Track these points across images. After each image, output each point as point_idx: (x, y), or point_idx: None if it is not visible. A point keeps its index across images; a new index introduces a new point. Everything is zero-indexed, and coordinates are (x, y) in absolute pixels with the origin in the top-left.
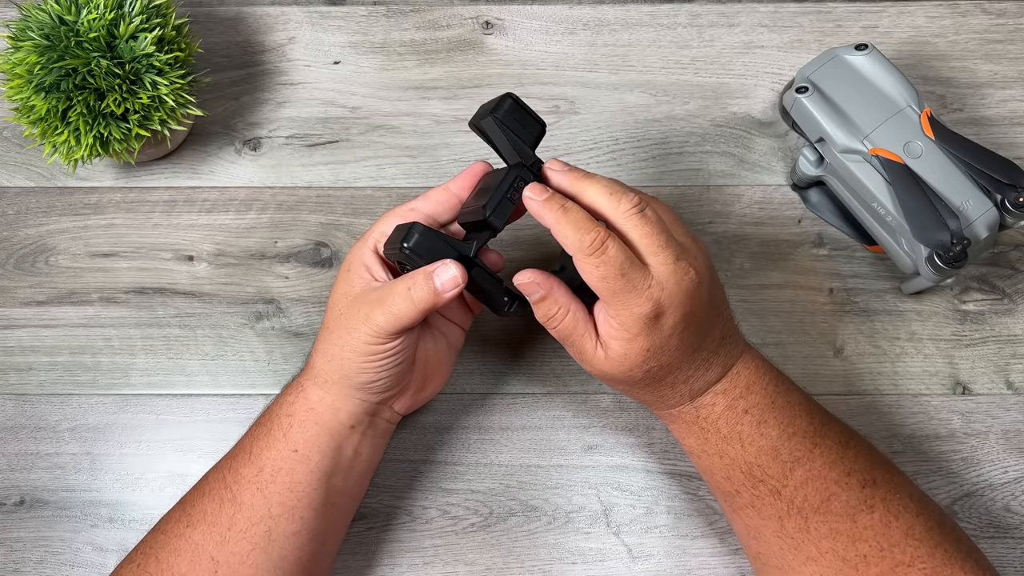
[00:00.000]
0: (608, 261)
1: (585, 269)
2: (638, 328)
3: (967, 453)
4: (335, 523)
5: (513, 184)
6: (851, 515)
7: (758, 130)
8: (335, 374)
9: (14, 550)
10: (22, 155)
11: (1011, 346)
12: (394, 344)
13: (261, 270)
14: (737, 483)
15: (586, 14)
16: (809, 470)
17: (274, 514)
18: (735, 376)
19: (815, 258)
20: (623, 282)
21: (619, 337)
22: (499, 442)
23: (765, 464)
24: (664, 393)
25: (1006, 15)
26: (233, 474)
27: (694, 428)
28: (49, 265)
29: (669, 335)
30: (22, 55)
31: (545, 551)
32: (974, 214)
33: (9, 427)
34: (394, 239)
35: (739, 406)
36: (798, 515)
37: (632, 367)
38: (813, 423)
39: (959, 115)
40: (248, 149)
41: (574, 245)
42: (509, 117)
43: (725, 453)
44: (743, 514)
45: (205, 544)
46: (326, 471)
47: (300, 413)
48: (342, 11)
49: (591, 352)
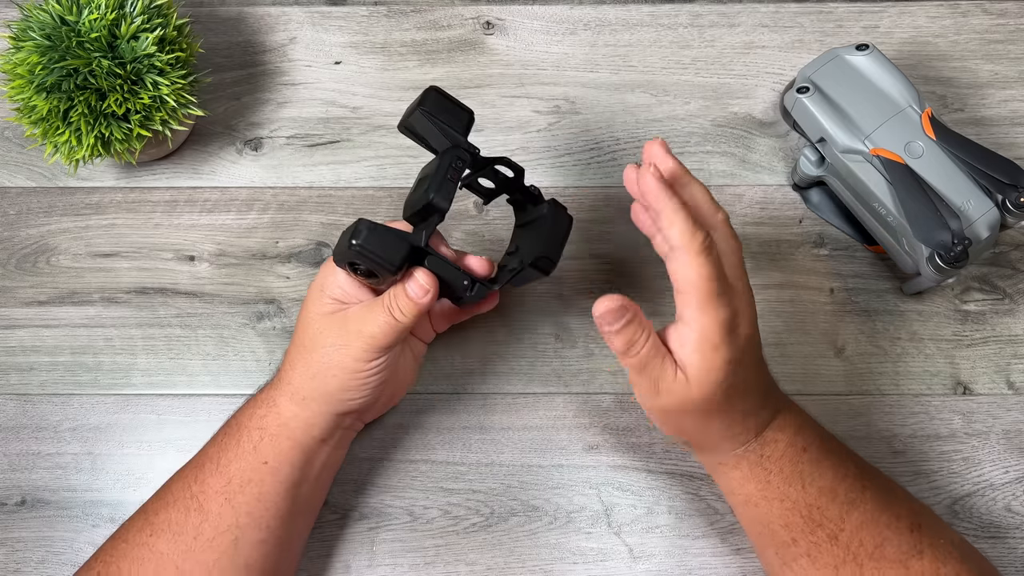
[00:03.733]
0: (712, 261)
1: (690, 265)
2: (719, 337)
3: (968, 453)
4: (300, 530)
5: (451, 165)
6: (903, 561)
7: (759, 130)
8: (316, 392)
9: (15, 550)
10: (23, 155)
11: (1012, 346)
12: (380, 360)
13: (262, 270)
14: (795, 530)
15: (587, 14)
16: (863, 513)
17: (241, 523)
18: (788, 415)
19: (816, 258)
20: (719, 285)
21: (701, 350)
22: (500, 442)
23: (824, 506)
24: (735, 426)
25: (1007, 15)
26: (200, 484)
27: (757, 470)
28: (50, 265)
29: (744, 347)
30: (23, 55)
31: (546, 551)
32: (975, 214)
33: (10, 427)
34: (342, 241)
35: (799, 443)
36: (853, 562)
37: (715, 385)
38: (859, 466)
39: (960, 115)
40: (249, 149)
41: (685, 238)
42: (436, 107)
43: (787, 496)
44: (796, 566)
45: (170, 553)
46: (295, 482)
47: (272, 428)
48: (343, 11)
49: (671, 378)
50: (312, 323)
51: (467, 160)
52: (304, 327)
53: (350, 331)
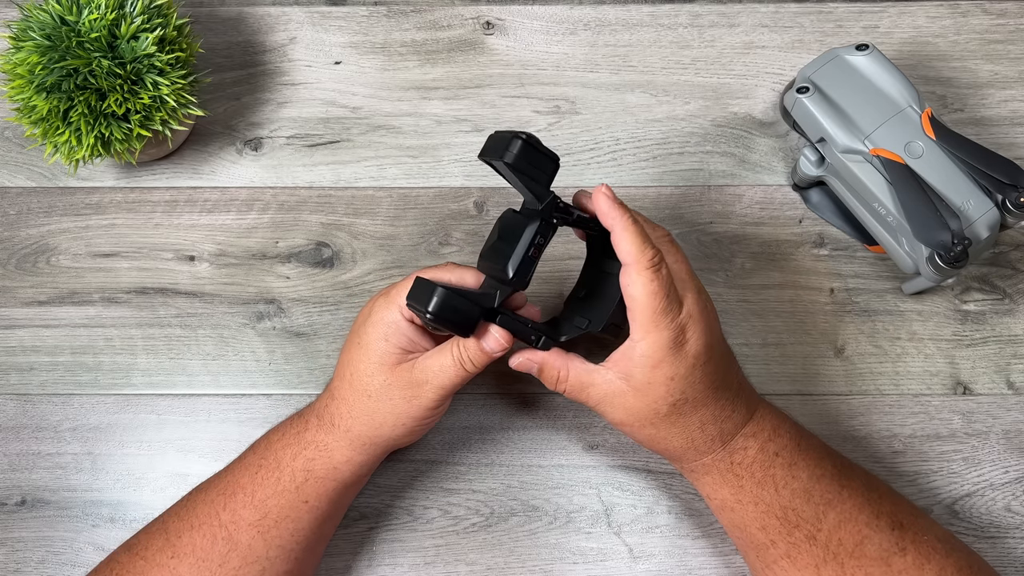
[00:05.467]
0: (661, 278)
1: (637, 281)
2: (661, 355)
3: (968, 453)
4: (320, 553)
5: (534, 241)
6: (885, 559)
7: (759, 130)
8: (379, 439)
9: (15, 550)
10: (23, 155)
11: (1012, 346)
12: (444, 406)
13: (262, 270)
14: (772, 532)
15: (587, 14)
16: (840, 512)
17: (271, 556)
18: (760, 420)
19: (816, 258)
20: (665, 303)
21: (643, 366)
22: (500, 442)
23: (799, 507)
24: (695, 436)
25: (1007, 15)
26: (230, 514)
27: (728, 476)
28: (50, 265)
29: (692, 365)
30: (23, 55)
31: (546, 551)
32: (975, 214)
33: (10, 427)
34: (417, 299)
35: (770, 448)
36: (834, 561)
37: (657, 398)
38: (836, 466)
39: (960, 115)
40: (249, 149)
41: (634, 255)
42: (521, 161)
43: (760, 499)
44: (777, 568)
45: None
46: (329, 515)
47: (320, 471)
48: (343, 11)
49: (613, 388)
50: (377, 374)
51: (552, 233)
52: (367, 376)
53: (418, 381)
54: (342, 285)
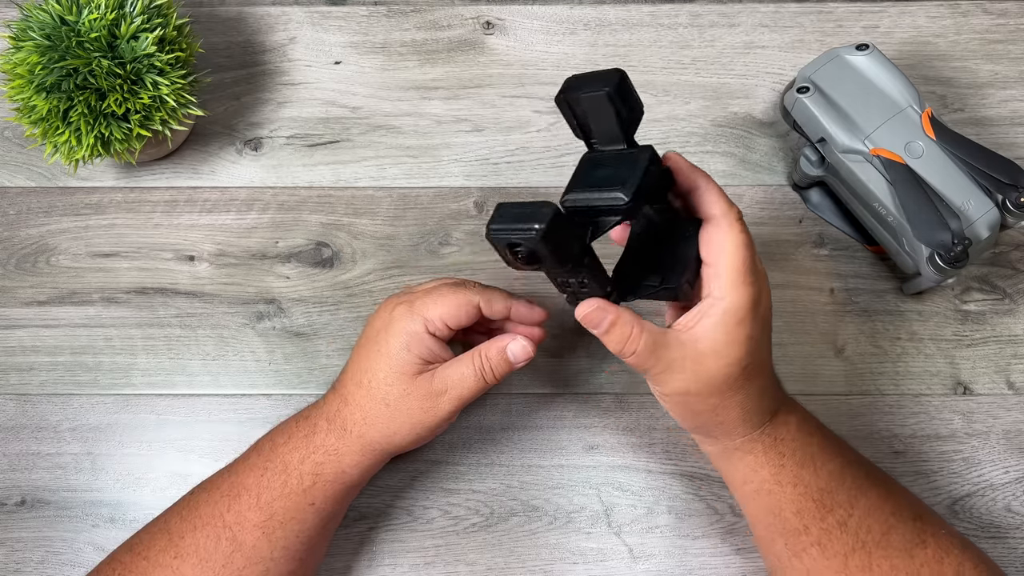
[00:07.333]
0: (748, 232)
1: (729, 234)
2: (744, 312)
3: (968, 453)
4: (323, 552)
5: (649, 166)
6: (908, 550)
7: (759, 130)
8: (391, 444)
9: (15, 550)
10: (23, 155)
11: (1012, 346)
12: (458, 412)
13: (262, 270)
14: (807, 516)
15: (587, 14)
16: (869, 499)
17: (275, 557)
18: (792, 403)
19: (816, 258)
20: (753, 257)
21: (725, 324)
22: (500, 442)
23: (835, 490)
24: (750, 407)
25: (1007, 15)
26: (235, 515)
27: (772, 454)
28: (50, 265)
29: (763, 328)
30: (23, 55)
31: (546, 551)
32: (975, 214)
33: (10, 427)
34: (515, 217)
35: (805, 428)
36: (862, 550)
37: (733, 360)
38: (858, 456)
39: (960, 115)
40: (249, 149)
41: (724, 208)
42: (618, 95)
43: (800, 480)
44: (806, 556)
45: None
46: (334, 516)
47: (329, 475)
48: (343, 11)
49: (688, 351)
50: (397, 383)
51: (659, 161)
52: (386, 384)
53: (438, 391)
54: (342, 285)
